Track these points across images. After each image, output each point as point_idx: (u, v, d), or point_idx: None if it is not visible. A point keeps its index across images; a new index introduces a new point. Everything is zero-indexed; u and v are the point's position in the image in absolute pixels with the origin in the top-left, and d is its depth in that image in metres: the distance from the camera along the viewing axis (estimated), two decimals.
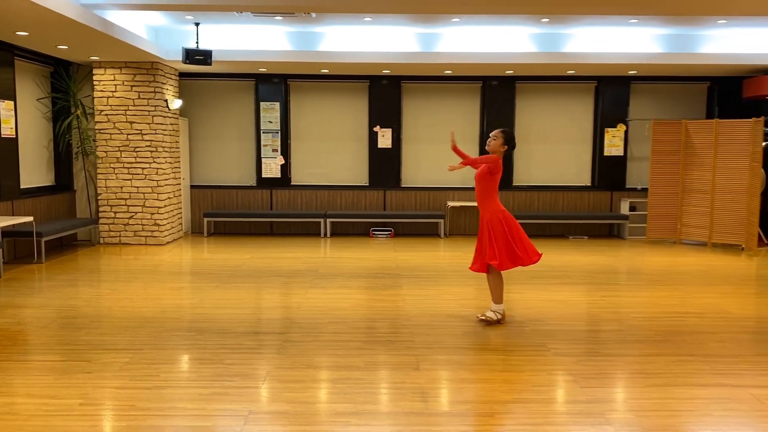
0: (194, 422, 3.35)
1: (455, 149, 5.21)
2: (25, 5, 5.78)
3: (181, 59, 8.62)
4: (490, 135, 5.17)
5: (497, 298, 5.20)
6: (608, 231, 10.91)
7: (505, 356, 4.45)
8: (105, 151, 9.25)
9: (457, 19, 8.34)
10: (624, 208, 10.63)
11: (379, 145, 10.67)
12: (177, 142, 9.90)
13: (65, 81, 9.18)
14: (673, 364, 4.34)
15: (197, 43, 8.67)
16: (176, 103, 9.68)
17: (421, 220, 10.57)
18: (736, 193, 9.34)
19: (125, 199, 9.31)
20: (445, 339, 4.85)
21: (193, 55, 8.51)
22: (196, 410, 3.51)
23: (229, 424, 3.33)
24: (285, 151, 10.66)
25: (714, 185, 9.54)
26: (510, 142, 5.14)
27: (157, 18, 8.36)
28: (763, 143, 9.39)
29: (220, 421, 3.36)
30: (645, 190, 10.52)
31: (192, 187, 10.66)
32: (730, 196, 9.39)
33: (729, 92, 10.49)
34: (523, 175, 10.89)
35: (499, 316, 5.22)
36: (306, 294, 6.34)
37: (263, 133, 10.60)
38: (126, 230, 9.36)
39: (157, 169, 9.26)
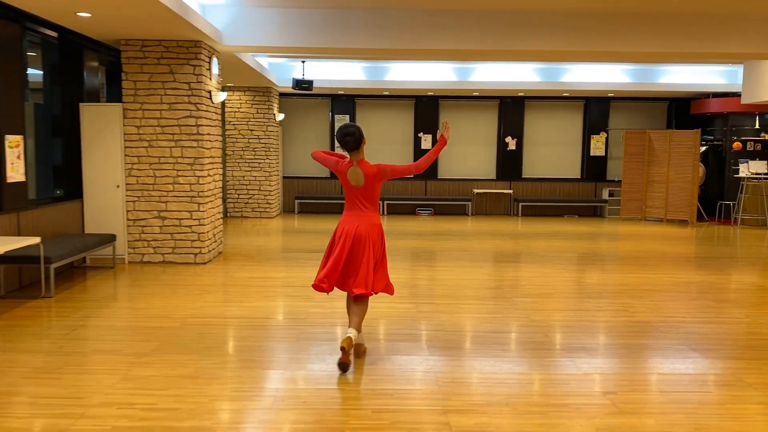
0: None
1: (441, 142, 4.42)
2: (237, 62, 9.37)
3: (290, 86, 12.24)
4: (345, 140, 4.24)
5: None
6: (593, 212, 14.59)
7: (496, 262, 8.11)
8: (232, 151, 12.92)
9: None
10: (604, 195, 14.32)
11: (422, 147, 14.34)
12: (278, 144, 13.56)
13: None
14: (614, 266, 8.03)
15: (303, 74, 12.32)
16: (280, 116, 13.34)
17: (453, 202, 14.24)
18: (683, 183, 13.00)
19: (246, 185, 12.97)
20: (463, 255, 8.53)
21: (300, 84, 12.13)
22: None
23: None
24: None
25: (668, 177, 13.20)
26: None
27: (275, 56, 11.99)
28: (702, 147, 13.08)
29: None
30: (619, 181, 14.18)
31: (283, 177, 14.32)
32: (679, 185, 13.06)
33: (681, 110, 14.19)
34: (530, 170, 14.56)
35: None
36: None
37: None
38: (246, 207, 13.02)
39: (269, 163, 12.92)
